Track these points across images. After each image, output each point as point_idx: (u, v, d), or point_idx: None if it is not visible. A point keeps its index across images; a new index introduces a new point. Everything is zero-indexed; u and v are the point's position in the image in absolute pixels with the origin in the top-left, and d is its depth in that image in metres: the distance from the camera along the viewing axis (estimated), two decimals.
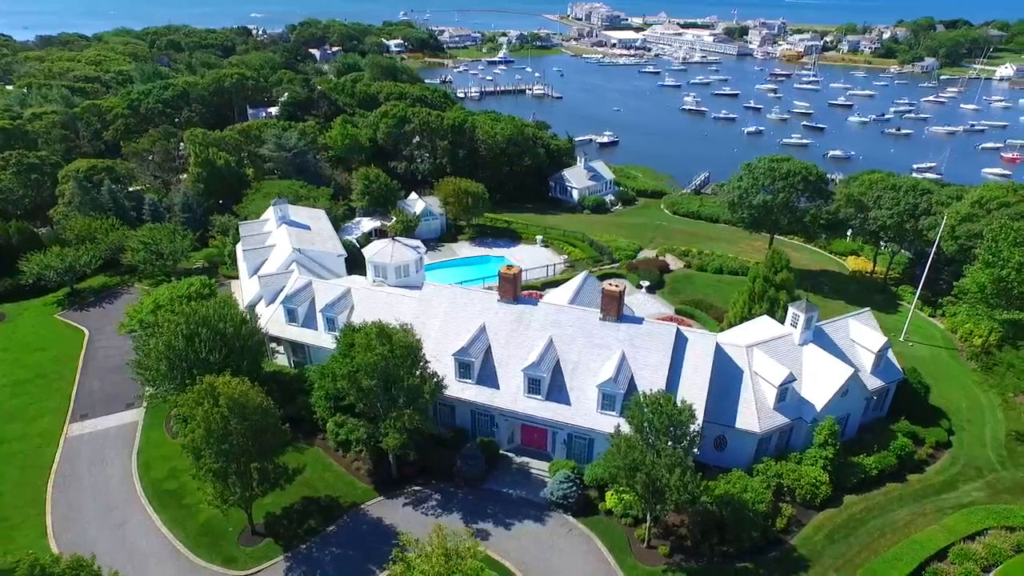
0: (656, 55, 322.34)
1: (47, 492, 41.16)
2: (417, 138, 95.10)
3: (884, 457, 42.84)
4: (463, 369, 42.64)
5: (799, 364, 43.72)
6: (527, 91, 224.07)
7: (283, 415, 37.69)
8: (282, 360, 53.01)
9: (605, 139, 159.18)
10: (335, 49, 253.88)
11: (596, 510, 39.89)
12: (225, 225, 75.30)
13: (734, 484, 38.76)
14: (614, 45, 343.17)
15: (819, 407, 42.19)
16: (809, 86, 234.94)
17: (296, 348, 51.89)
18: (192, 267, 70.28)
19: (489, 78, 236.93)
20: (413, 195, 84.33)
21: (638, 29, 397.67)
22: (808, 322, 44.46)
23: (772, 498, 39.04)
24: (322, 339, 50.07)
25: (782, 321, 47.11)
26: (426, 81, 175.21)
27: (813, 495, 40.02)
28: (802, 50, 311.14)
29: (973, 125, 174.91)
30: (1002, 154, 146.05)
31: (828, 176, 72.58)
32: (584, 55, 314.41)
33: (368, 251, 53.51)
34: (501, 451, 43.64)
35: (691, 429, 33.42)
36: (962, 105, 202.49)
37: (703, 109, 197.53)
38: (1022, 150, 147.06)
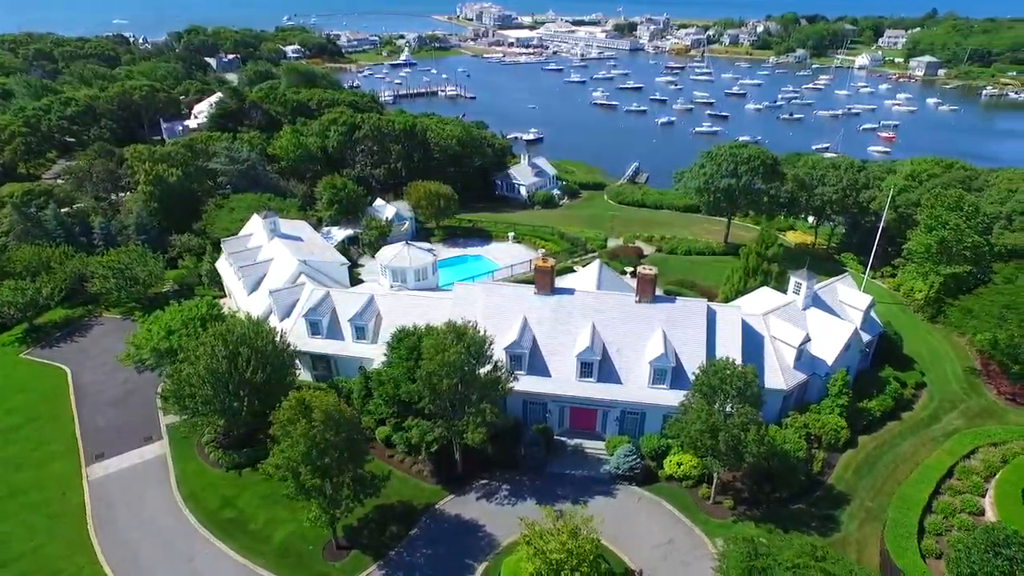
0: (554, 52, 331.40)
1: (91, 539, 38.50)
2: (369, 144, 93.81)
3: (883, 400, 48.85)
4: (514, 361, 44.04)
5: (805, 326, 48.79)
6: (439, 93, 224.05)
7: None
8: (302, 375, 51.77)
9: (531, 136, 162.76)
10: (231, 57, 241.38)
11: (656, 478, 42.84)
12: (187, 244, 71.46)
13: (774, 438, 42.92)
14: (511, 44, 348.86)
15: (830, 362, 47.44)
16: (703, 77, 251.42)
17: (318, 361, 50.91)
18: (162, 291, 66.22)
19: (398, 81, 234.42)
20: (380, 201, 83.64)
21: (531, 27, 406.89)
22: (809, 289, 49.71)
23: (806, 446, 43.67)
24: (350, 349, 49.64)
25: (783, 291, 52.19)
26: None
27: (836, 439, 45.09)
28: (689, 44, 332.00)
29: (850, 108, 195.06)
30: (879, 134, 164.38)
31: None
32: (485, 55, 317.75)
33: (384, 257, 53.39)
34: (555, 436, 45.48)
35: (756, 389, 37.01)
36: (836, 91, 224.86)
37: (614, 103, 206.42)
38: (895, 130, 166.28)
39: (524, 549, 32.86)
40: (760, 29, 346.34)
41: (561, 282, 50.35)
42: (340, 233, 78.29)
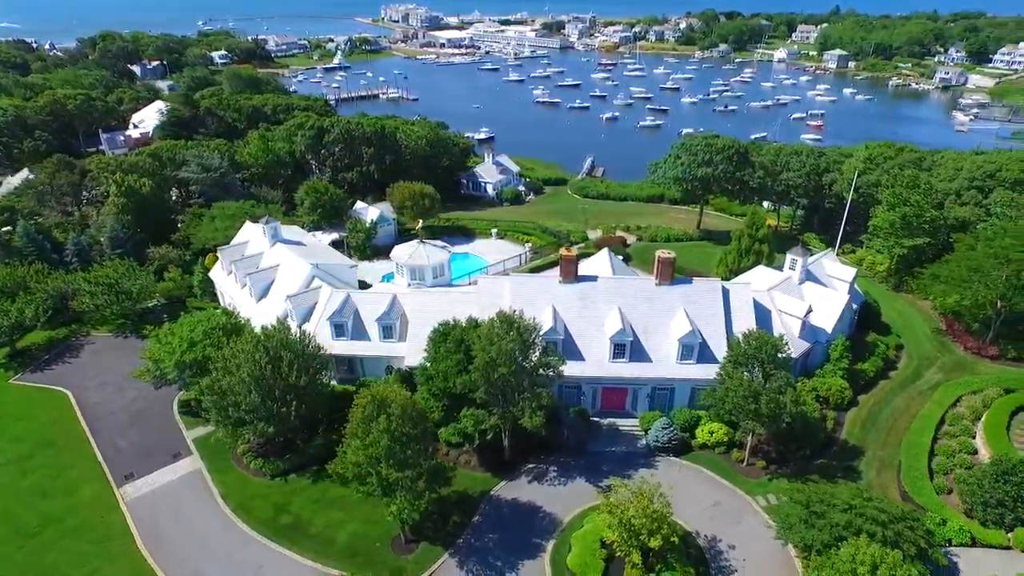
0: (487, 52, 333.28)
1: (147, 559, 37.44)
2: (339, 147, 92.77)
3: (875, 362, 53.63)
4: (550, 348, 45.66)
5: (805, 299, 52.88)
6: (380, 95, 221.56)
7: None
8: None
9: (482, 135, 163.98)
10: (155, 64, 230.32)
11: (690, 448, 45.59)
12: (167, 256, 68.92)
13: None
14: (443, 45, 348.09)
15: (829, 330, 51.75)
16: (637, 73, 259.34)
17: (341, 363, 50.79)
18: (148, 305, 63.73)
19: (335, 85, 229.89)
20: (361, 204, 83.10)
21: (460, 28, 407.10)
22: (804, 264, 53.87)
23: (819, 407, 47.61)
24: (377, 349, 49.94)
25: (776, 269, 56.20)
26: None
27: (841, 399, 49.28)
28: (618, 41, 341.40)
29: (778, 100, 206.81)
30: (808, 123, 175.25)
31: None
32: (418, 56, 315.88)
33: (400, 256, 53.81)
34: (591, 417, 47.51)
35: (787, 355, 40.26)
36: (762, 83, 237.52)
37: (556, 100, 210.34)
38: (822, 118, 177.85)
39: (606, 519, 34.74)
40: (683, 26, 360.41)
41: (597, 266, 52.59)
42: (325, 237, 77.39)
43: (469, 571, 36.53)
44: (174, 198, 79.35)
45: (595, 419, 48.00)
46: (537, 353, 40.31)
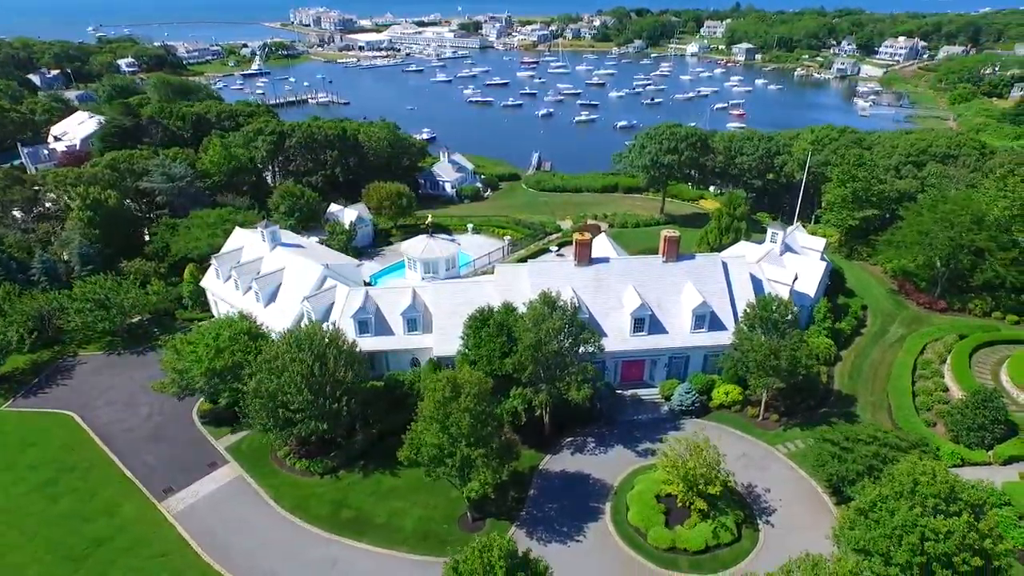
0: (408, 54, 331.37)
1: (212, 566, 37.07)
2: (302, 152, 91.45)
3: (849, 322, 59.63)
4: None
5: (786, 268, 58.05)
6: (309, 100, 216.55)
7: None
8: None
9: (425, 136, 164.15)
10: (54, 72, 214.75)
11: (708, 409, 49.47)
12: (143, 269, 66.24)
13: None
14: (362, 48, 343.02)
15: (812, 294, 57.16)
16: (561, 70, 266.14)
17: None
18: (133, 320, 61.34)
19: (260, 92, 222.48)
20: (334, 206, 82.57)
21: (376, 30, 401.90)
22: (784, 237, 59.12)
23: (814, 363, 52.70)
24: (403, 342, 50.84)
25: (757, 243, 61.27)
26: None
27: (829, 355, 54.69)
28: (536, 39, 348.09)
29: (699, 91, 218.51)
30: (731, 112, 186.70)
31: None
32: (339, 60, 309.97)
33: (413, 250, 54.80)
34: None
35: (796, 316, 44.72)
36: (680, 76, 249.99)
37: (489, 99, 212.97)
38: (742, 107, 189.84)
39: (662, 475, 37.75)
40: (597, 23, 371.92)
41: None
42: (305, 242, 76.47)
43: (539, 539, 38.52)
44: (136, 209, 75.87)
45: (618, 392, 51.01)
46: (578, 330, 42.74)
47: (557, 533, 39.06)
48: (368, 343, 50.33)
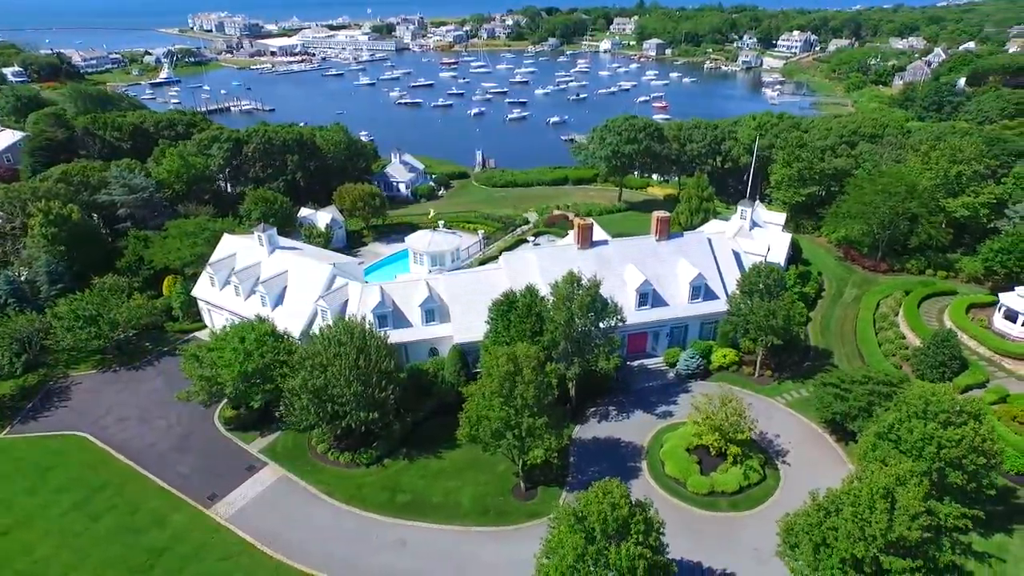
0: (324, 58, 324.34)
1: (285, 562, 37.69)
2: (261, 158, 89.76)
3: (812, 286, 66.36)
4: None
5: (761, 240, 63.92)
6: (231, 108, 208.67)
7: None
8: None
9: (363, 138, 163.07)
10: None
11: (709, 372, 54.19)
12: (117, 285, 63.77)
13: None
14: (274, 53, 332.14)
15: (782, 263, 63.27)
16: (482, 69, 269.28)
17: None
18: (118, 336, 59.20)
19: (175, 101, 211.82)
20: (305, 210, 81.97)
21: (284, 35, 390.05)
22: (752, 214, 64.99)
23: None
24: (422, 333, 52.41)
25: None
26: None
27: (802, 316, 60.73)
28: (452, 40, 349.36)
29: (621, 86, 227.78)
30: (654, 104, 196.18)
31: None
32: (253, 66, 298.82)
33: (420, 245, 56.21)
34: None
35: (784, 280, 50.03)
36: (599, 72, 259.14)
37: (418, 100, 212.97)
38: (664, 99, 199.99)
39: (692, 429, 41.79)
40: (510, 22, 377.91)
41: None
42: None
43: None
44: (98, 224, 72.60)
45: (627, 363, 54.79)
46: (601, 304, 46.03)
47: None
48: (388, 336, 51.52)
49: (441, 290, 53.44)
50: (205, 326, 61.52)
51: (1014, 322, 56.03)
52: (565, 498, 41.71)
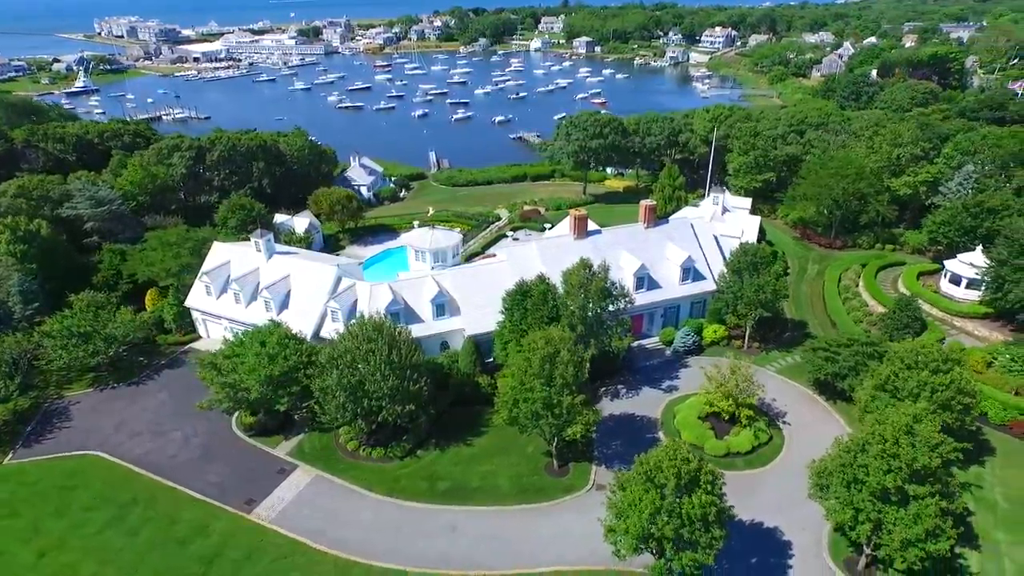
0: (251, 63, 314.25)
1: (341, 556, 38.50)
2: (226, 165, 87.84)
3: (780, 264, 71.70)
4: None
5: (734, 223, 68.55)
6: (162, 117, 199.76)
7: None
8: None
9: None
10: None
11: (702, 348, 58.09)
12: (97, 301, 61.70)
13: None
14: (198, 59, 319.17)
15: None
16: (417, 71, 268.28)
17: None
18: (109, 352, 57.50)
19: (99, 111, 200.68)
20: (280, 216, 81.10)
21: (205, 40, 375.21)
22: (723, 200, 69.62)
23: None
24: (432, 328, 53.69)
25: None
26: None
27: (785, 289, 65.65)
28: (382, 42, 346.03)
29: (557, 83, 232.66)
30: (592, 100, 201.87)
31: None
32: (177, 73, 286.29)
33: (421, 242, 57.36)
34: None
35: (767, 257, 54.45)
36: (534, 71, 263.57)
37: (359, 104, 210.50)
38: (602, 95, 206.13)
39: (709, 396, 45.25)
40: (438, 23, 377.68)
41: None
42: None
43: (618, 471, 44.04)
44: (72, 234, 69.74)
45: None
46: (611, 288, 48.89)
47: (630, 463, 44.77)
48: None
49: (448, 285, 54.90)
50: (200, 337, 60.52)
51: (958, 285, 62.92)
52: (595, 472, 44.35)
